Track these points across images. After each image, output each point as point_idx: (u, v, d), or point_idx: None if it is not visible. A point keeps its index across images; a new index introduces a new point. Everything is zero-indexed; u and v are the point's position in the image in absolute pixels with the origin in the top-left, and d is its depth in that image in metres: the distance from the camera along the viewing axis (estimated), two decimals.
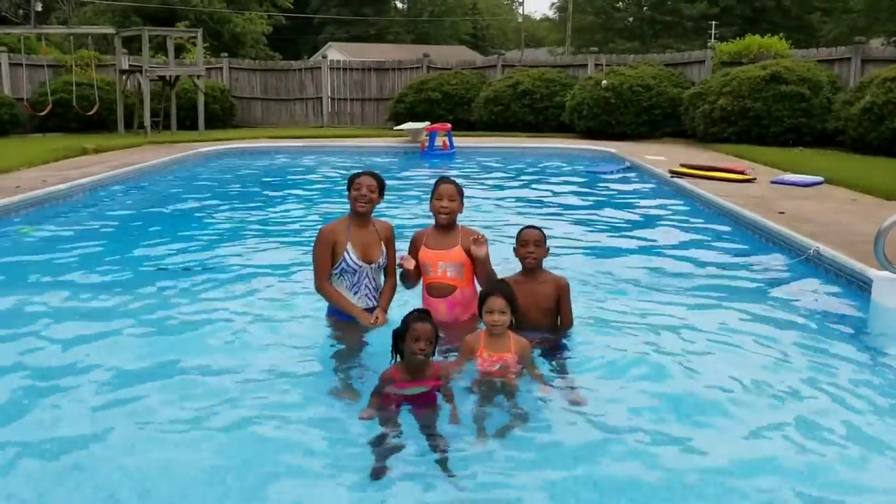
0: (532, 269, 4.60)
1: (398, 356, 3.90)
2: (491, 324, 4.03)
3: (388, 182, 4.97)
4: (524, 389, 3.97)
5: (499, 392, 3.93)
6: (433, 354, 3.89)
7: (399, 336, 3.85)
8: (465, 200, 4.86)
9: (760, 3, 48.23)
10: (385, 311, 4.80)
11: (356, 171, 4.91)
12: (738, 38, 20.72)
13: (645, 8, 55.33)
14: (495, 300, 4.02)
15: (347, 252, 4.73)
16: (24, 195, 9.66)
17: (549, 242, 4.71)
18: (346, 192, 4.84)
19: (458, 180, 4.95)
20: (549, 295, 4.60)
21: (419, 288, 4.90)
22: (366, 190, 4.75)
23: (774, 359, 4.60)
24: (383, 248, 4.87)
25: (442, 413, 3.74)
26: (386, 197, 4.94)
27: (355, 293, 4.82)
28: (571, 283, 4.76)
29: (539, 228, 4.67)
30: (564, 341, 4.63)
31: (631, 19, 56.43)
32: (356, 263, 4.75)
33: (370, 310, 4.83)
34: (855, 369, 4.48)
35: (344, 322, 4.80)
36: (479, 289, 4.57)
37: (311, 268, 4.88)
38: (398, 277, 4.91)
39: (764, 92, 16.47)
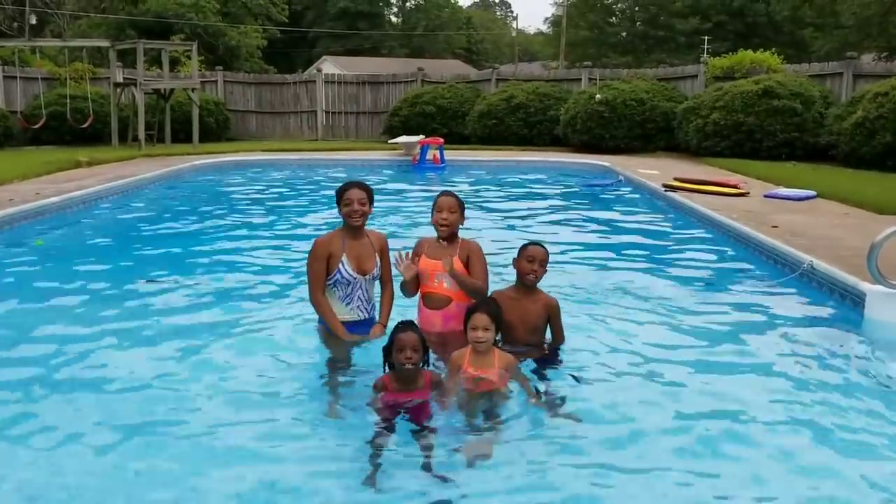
0: (529, 286, 4.60)
1: (391, 369, 3.92)
2: (474, 340, 4.01)
3: (378, 195, 4.98)
4: (510, 403, 3.97)
5: (482, 406, 3.92)
6: (424, 363, 3.91)
7: (387, 350, 3.89)
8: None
9: (752, 18, 48.56)
10: (385, 324, 4.78)
11: (343, 185, 4.87)
12: (730, 53, 20.84)
13: (638, 23, 55.63)
14: (479, 317, 4.01)
15: (342, 264, 4.73)
16: (17, 207, 9.63)
17: None
18: (336, 206, 4.84)
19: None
20: (539, 314, 4.60)
21: (415, 299, 4.89)
22: (357, 204, 4.74)
23: (767, 372, 4.61)
24: (377, 259, 4.87)
25: (435, 418, 3.79)
26: (375, 210, 4.95)
27: (347, 304, 4.82)
28: (563, 295, 4.79)
29: (545, 247, 4.67)
30: (553, 355, 4.62)
31: (624, 34, 56.71)
32: (350, 275, 4.75)
33: (361, 322, 4.83)
34: (849, 383, 4.49)
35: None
36: None
37: (304, 279, 4.88)
38: (399, 286, 4.90)
39: (756, 106, 16.56)
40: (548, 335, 4.71)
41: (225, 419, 3.91)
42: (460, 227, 4.82)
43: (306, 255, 4.85)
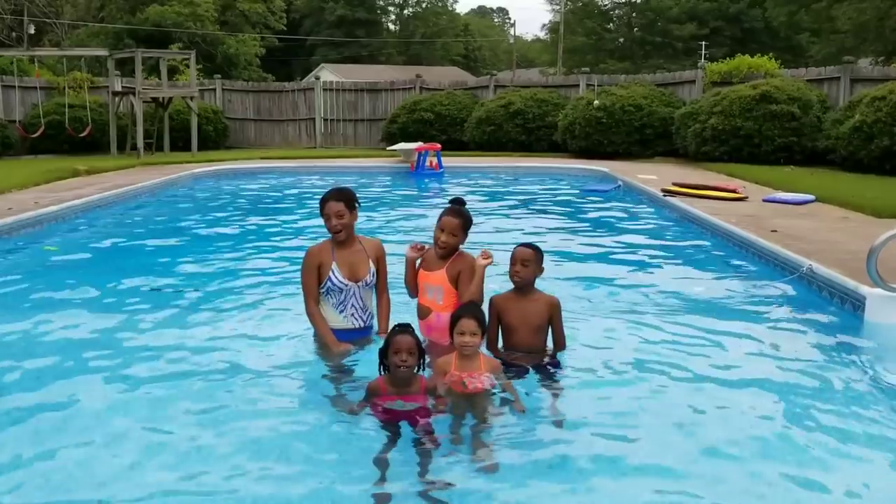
0: (520, 287, 4.59)
1: (386, 371, 3.93)
2: (461, 345, 4.05)
3: (375, 202, 4.96)
4: (497, 407, 3.98)
5: (470, 410, 3.92)
6: (420, 368, 3.92)
7: (383, 352, 3.90)
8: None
9: (749, 23, 48.76)
10: (385, 331, 4.65)
11: (322, 196, 4.81)
12: (728, 59, 20.89)
13: (635, 29, 55.84)
14: (466, 322, 4.05)
15: (333, 271, 4.72)
16: (16, 217, 9.61)
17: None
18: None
19: (447, 198, 4.93)
20: (540, 314, 4.59)
21: (415, 303, 4.91)
22: (335, 219, 4.71)
23: (767, 377, 4.60)
24: (371, 266, 4.85)
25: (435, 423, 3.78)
26: (371, 215, 4.92)
27: (341, 312, 4.80)
28: (563, 302, 4.75)
29: (532, 247, 4.64)
30: (555, 360, 4.62)
31: (622, 40, 56.91)
32: (342, 282, 4.73)
33: (357, 330, 4.82)
34: (849, 386, 4.47)
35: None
36: None
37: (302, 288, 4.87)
38: (405, 286, 4.90)
39: (754, 111, 16.58)
40: (549, 343, 4.69)
41: (222, 426, 3.90)
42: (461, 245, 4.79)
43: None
